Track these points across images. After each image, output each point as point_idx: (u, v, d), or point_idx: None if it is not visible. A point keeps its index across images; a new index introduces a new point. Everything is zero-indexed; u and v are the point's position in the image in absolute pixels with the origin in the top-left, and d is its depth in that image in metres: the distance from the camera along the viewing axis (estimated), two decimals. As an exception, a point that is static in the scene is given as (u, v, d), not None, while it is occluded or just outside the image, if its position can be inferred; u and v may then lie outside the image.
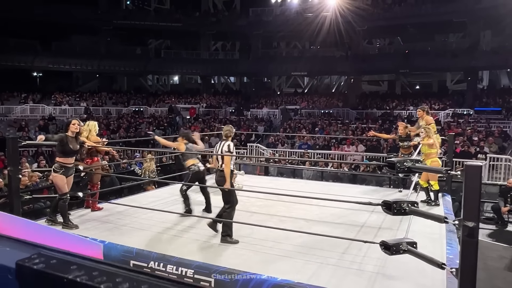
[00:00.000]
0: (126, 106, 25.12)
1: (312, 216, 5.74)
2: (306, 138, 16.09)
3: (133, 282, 0.90)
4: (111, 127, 20.42)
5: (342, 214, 5.83)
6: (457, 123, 18.11)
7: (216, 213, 4.93)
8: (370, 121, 20.32)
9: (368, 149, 14.87)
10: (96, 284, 0.88)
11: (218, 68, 29.13)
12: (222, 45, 34.67)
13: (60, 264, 0.95)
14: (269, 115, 23.55)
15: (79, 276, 0.91)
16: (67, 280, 0.90)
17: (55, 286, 0.92)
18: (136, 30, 28.57)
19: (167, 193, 7.22)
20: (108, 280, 0.89)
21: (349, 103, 24.61)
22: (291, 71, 28.03)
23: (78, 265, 0.92)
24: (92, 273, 0.92)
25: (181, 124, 22.91)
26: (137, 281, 0.90)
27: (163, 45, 33.95)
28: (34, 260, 0.94)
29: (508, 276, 5.81)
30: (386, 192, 7.77)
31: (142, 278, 0.93)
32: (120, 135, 18.96)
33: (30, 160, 12.72)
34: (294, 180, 9.58)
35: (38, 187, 7.66)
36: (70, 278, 0.90)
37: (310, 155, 13.63)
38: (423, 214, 3.41)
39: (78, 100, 24.93)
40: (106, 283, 0.88)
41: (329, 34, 23.57)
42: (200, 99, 27.43)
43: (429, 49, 26.06)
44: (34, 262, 0.94)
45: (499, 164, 11.23)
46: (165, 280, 0.92)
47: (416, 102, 23.30)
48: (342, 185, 9.20)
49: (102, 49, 27.66)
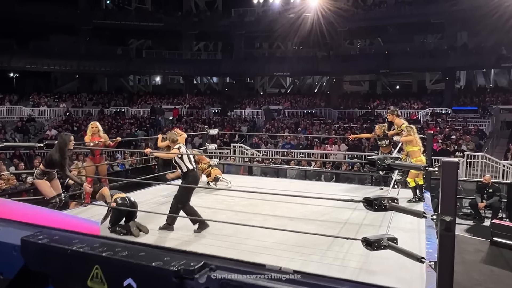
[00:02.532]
0: (107, 107, 24.72)
1: (296, 214, 5.79)
2: (289, 138, 16.19)
3: (131, 250, 0.96)
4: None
5: (325, 212, 5.90)
6: (435, 122, 18.56)
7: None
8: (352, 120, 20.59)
9: (350, 148, 15.09)
10: (97, 253, 0.94)
11: (201, 69, 28.99)
12: (204, 45, 34.48)
13: (63, 238, 1.00)
14: (252, 115, 23.59)
15: (82, 247, 0.97)
16: (70, 251, 0.96)
17: (60, 256, 0.98)
18: (116, 30, 28.14)
19: (150, 194, 7.16)
20: (108, 249, 0.95)
21: (331, 103, 24.87)
22: (274, 71, 28.15)
23: (80, 239, 0.97)
24: (93, 245, 0.97)
25: (163, 125, 22.72)
26: (135, 249, 0.95)
27: (144, 45, 33.54)
28: (38, 236, 0.99)
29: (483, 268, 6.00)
30: (368, 189, 7.89)
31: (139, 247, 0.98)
32: (101, 136, 18.66)
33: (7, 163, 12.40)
34: (278, 180, 9.61)
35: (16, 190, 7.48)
36: (74, 249, 0.97)
37: (293, 154, 13.72)
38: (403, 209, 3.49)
39: (57, 101, 24.40)
40: (107, 252, 0.94)
41: (311, 34, 23.77)
42: (183, 99, 27.24)
43: (408, 50, 26.62)
44: (38, 238, 0.98)
45: (476, 162, 11.57)
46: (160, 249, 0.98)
47: (396, 101, 23.75)
48: (325, 184, 9.31)
49: (81, 49, 27.13)
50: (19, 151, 13.64)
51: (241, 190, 6.58)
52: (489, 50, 21.73)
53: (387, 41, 29.08)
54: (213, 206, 6.28)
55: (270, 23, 25.68)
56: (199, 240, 4.58)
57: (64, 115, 22.24)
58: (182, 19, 28.42)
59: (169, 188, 7.14)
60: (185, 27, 28.26)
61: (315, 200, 6.06)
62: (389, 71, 25.87)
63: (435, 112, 20.71)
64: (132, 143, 17.11)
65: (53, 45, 27.69)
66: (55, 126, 19.82)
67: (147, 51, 30.76)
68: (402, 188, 6.98)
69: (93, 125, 6.57)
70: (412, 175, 6.63)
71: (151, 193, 7.22)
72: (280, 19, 25.47)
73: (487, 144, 15.40)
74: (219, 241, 4.57)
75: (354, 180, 9.85)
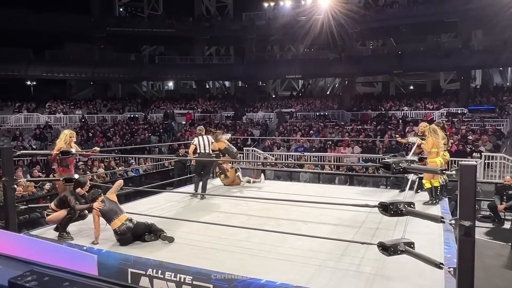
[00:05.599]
0: (121, 113, 25.05)
1: (310, 218, 5.72)
2: (302, 141, 16.11)
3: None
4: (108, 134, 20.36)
5: (340, 216, 5.82)
6: (451, 123, 18.23)
7: None
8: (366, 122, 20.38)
9: (364, 150, 14.92)
10: None
11: (213, 73, 29.16)
12: (216, 50, 34.72)
13: (53, 281, 0.93)
14: (264, 119, 23.59)
15: None
16: None
17: None
18: (129, 37, 28.55)
19: (164, 199, 7.18)
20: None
21: (344, 105, 24.69)
22: (286, 74, 28.12)
23: (71, 282, 0.90)
24: None
25: (176, 129, 22.90)
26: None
27: (157, 51, 33.95)
28: (27, 278, 0.93)
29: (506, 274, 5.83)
30: (383, 192, 7.77)
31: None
32: (116, 142, 18.90)
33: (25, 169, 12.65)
34: (291, 183, 9.56)
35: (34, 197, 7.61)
36: None
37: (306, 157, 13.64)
38: (420, 214, 3.42)
39: (73, 108, 24.84)
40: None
41: (322, 36, 23.68)
42: (196, 104, 27.42)
43: (421, 50, 26.26)
44: (27, 280, 0.92)
45: (494, 162, 11.31)
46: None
47: (410, 102, 23.43)
48: (339, 187, 9.21)
49: (96, 56, 27.60)
50: (35, 158, 13.91)
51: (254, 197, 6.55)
52: (505, 48, 21.26)
53: (400, 41, 28.76)
54: (227, 211, 6.27)
55: (281, 26, 25.68)
56: (213, 246, 4.56)
57: (80, 122, 22.60)
58: (194, 25, 28.67)
59: (181, 195, 7.16)
60: (196, 32, 28.49)
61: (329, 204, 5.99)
62: (403, 71, 25.56)
63: (451, 112, 20.34)
64: (146, 149, 17.28)
65: (68, 53, 28.27)
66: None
67: (159, 57, 31.12)
68: (424, 191, 6.83)
69: (71, 134, 5.81)
70: (427, 176, 6.50)
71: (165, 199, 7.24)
72: (290, 22, 25.47)
73: (506, 144, 15.04)
74: (232, 246, 4.54)
75: (368, 183, 9.74)
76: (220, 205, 6.69)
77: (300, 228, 5.22)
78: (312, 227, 5.32)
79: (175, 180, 9.93)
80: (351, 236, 4.92)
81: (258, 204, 6.48)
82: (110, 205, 4.75)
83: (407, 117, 20.57)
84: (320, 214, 5.96)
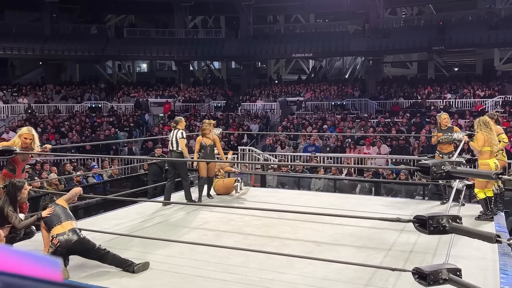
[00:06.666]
0: (79, 102, 25.05)
1: (324, 238, 5.75)
2: (313, 138, 16.14)
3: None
4: (62, 129, 20.33)
5: (363, 235, 5.84)
6: (508, 114, 18.26)
7: None
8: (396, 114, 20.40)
9: (394, 150, 14.94)
10: None
11: (198, 51, 29.08)
12: (202, 21, 34.72)
13: None
14: (265, 110, 23.59)
15: None
16: None
17: None
18: (90, 3, 28.51)
19: (135, 213, 7.17)
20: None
21: (368, 92, 24.74)
22: (292, 52, 28.08)
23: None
24: None
25: (151, 124, 22.85)
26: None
27: (125, 22, 33.93)
28: None
29: None
30: (419, 205, 7.80)
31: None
32: (72, 139, 18.87)
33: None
34: (299, 192, 9.60)
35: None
36: None
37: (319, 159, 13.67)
38: (469, 232, 3.41)
39: (16, 96, 24.79)
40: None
41: (340, 3, 23.70)
42: (176, 91, 27.43)
43: (470, 19, 26.26)
44: None
45: None
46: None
47: (454, 88, 23.46)
48: (362, 198, 9.22)
49: (46, 28, 27.53)
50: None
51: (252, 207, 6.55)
52: None
53: (442, 9, 28.82)
54: (216, 228, 6.27)
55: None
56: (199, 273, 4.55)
57: (25, 113, 22.56)
58: (173, -13, 28.67)
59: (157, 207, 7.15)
60: (177, -3, 28.50)
61: (350, 220, 6.00)
62: (445, 48, 25.57)
63: (508, 101, 20.38)
64: (112, 148, 17.27)
65: (8, 24, 28.16)
66: (14, 127, 20.10)
67: (129, 30, 31.04)
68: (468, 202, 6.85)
69: (29, 135, 5.59)
70: (479, 184, 6.49)
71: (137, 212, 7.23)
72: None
73: None
74: (223, 273, 4.54)
75: (400, 192, 9.77)
76: (208, 220, 6.69)
77: (311, 251, 5.24)
78: (327, 249, 5.34)
79: (150, 187, 9.93)
80: (378, 260, 4.93)
81: (256, 219, 6.49)
82: (57, 210, 4.72)
83: (451, 107, 20.60)
84: (336, 232, 5.97)
